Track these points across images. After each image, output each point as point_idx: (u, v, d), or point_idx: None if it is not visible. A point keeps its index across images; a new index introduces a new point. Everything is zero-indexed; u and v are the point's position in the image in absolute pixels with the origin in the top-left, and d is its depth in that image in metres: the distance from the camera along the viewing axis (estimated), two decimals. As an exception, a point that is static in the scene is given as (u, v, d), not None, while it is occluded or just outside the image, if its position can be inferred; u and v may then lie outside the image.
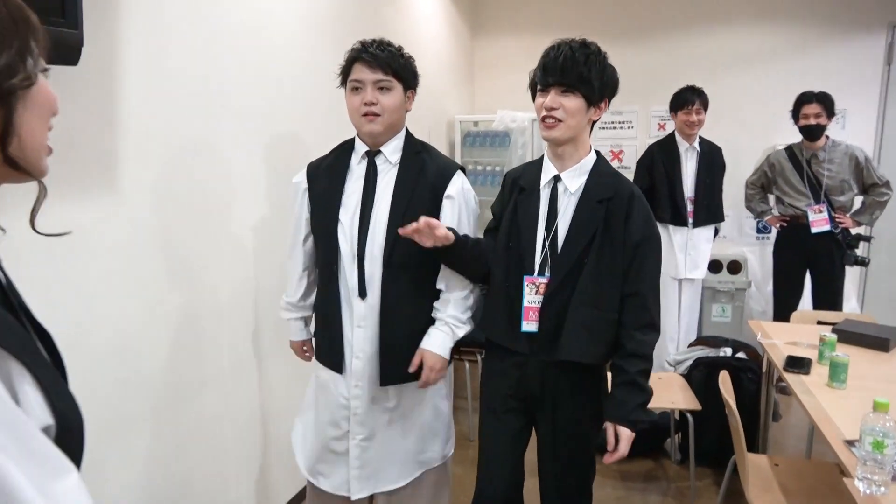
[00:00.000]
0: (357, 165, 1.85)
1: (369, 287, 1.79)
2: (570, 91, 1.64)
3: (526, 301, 1.73)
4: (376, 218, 1.79)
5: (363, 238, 1.79)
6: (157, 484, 1.90)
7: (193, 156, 1.98)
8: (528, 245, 1.74)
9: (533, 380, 1.76)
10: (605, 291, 1.67)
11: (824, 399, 2.04)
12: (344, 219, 1.81)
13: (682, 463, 3.07)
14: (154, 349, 1.87)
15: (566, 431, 1.77)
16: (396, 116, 1.80)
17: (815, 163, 3.65)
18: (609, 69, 1.69)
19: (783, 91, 4.24)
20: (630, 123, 4.80)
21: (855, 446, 1.67)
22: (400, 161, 1.83)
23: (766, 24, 4.47)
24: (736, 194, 4.18)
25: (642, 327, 1.68)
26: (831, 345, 2.32)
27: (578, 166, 1.74)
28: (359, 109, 1.76)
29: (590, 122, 1.72)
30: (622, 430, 1.65)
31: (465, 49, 4.90)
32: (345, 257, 1.81)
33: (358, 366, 1.83)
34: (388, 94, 1.76)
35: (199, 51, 1.98)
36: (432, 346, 1.80)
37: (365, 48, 1.76)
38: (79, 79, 1.55)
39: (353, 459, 1.88)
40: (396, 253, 1.77)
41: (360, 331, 1.82)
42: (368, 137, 1.81)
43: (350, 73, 1.78)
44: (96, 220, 1.65)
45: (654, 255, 1.72)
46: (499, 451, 1.84)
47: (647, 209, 1.72)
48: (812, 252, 3.71)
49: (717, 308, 4.34)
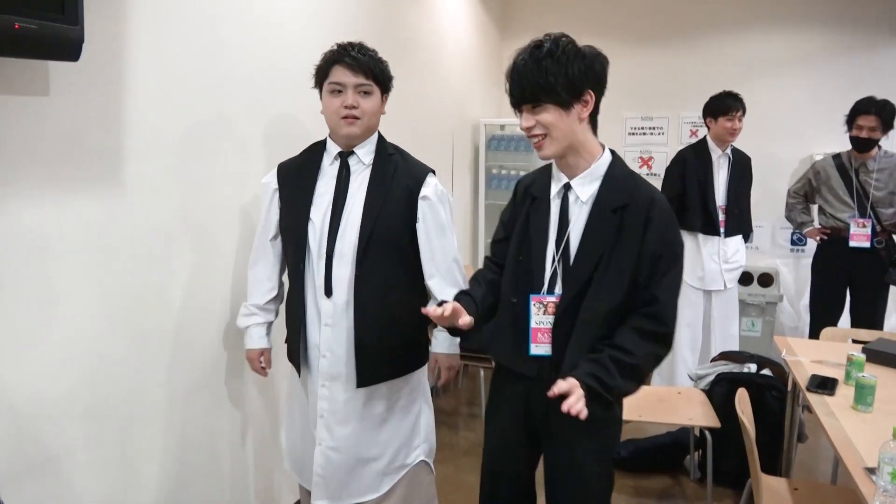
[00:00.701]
0: (329, 166, 1.86)
1: (337, 286, 1.79)
2: (537, 105, 1.51)
3: (533, 322, 1.59)
4: (348, 218, 1.79)
5: (333, 237, 1.79)
6: (159, 481, 1.90)
7: (201, 152, 1.99)
8: (538, 260, 1.61)
9: (539, 405, 1.61)
10: (618, 306, 1.53)
11: (848, 422, 1.93)
12: (315, 218, 1.81)
13: (701, 481, 2.96)
14: (159, 347, 1.87)
15: (574, 462, 1.62)
16: (374, 120, 1.83)
17: (864, 172, 3.50)
18: (574, 59, 1.49)
19: (824, 98, 4.10)
20: (661, 129, 4.69)
21: (875, 474, 1.57)
22: (373, 162, 1.84)
23: (805, 29, 4.31)
24: (769, 204, 4.05)
25: (646, 331, 1.50)
26: (859, 365, 2.20)
27: (589, 172, 1.58)
28: (338, 112, 1.77)
29: (583, 121, 1.54)
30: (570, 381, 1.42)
31: (493, 51, 4.85)
32: (313, 256, 1.81)
33: (324, 365, 1.82)
34: (368, 98, 1.79)
35: (208, 47, 1.98)
36: (443, 349, 1.92)
37: (347, 51, 1.77)
38: (82, 75, 1.56)
39: (316, 466, 1.85)
40: (370, 252, 1.77)
41: (328, 329, 1.81)
42: (345, 139, 1.82)
43: (329, 76, 1.79)
44: (100, 217, 1.66)
45: (676, 265, 1.55)
46: (502, 470, 1.75)
47: (668, 215, 1.55)
48: (853, 268, 3.56)
49: (747, 322, 4.20)
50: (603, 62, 1.55)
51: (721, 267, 3.66)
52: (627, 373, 1.49)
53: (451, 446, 3.28)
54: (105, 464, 1.73)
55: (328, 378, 1.83)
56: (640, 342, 1.50)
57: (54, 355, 1.56)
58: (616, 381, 1.47)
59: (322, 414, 1.84)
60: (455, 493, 2.80)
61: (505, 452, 1.74)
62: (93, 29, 1.53)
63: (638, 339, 1.50)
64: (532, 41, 1.54)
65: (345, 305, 1.79)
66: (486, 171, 4.54)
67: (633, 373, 1.51)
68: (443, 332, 1.86)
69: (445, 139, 4.02)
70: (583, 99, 1.52)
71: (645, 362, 1.52)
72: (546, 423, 1.63)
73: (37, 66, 1.47)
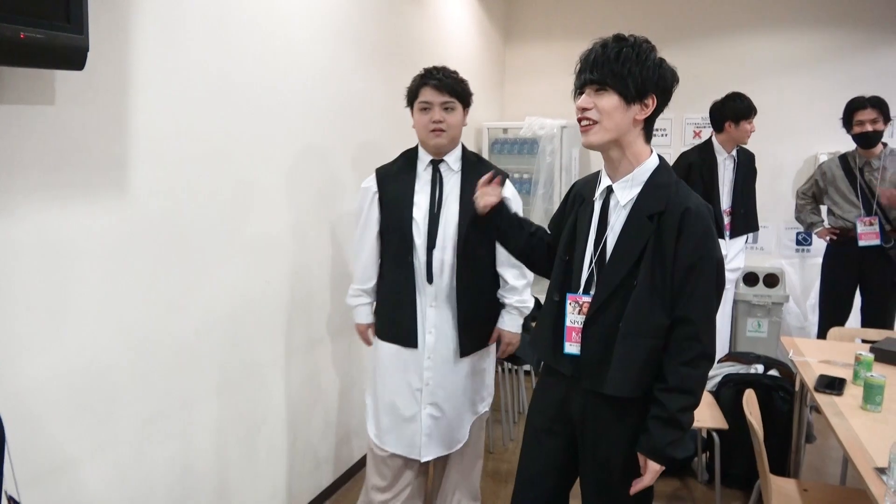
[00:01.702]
0: (423, 172, 2.17)
1: (440, 273, 2.12)
2: (602, 89, 1.53)
3: (568, 320, 1.63)
4: (447, 215, 2.12)
5: (433, 232, 2.11)
6: (184, 476, 1.90)
7: (208, 159, 2.00)
8: (579, 260, 1.64)
9: (575, 404, 1.65)
10: (657, 318, 1.52)
11: (857, 423, 1.92)
12: (417, 217, 2.12)
13: (710, 483, 2.94)
14: (164, 354, 1.88)
15: (609, 460, 1.63)
16: (458, 132, 2.14)
17: (869, 171, 3.48)
18: (651, 61, 1.53)
19: (826, 98, 4.09)
20: (664, 131, 4.68)
21: (885, 474, 1.56)
22: (461, 168, 2.16)
23: (806, 29, 4.31)
24: (775, 204, 4.04)
25: (691, 360, 1.50)
26: (867, 364, 2.19)
27: (632, 176, 1.58)
28: (427, 126, 2.08)
29: (637, 123, 1.55)
30: (651, 464, 1.54)
31: (497, 55, 4.86)
32: (418, 249, 2.12)
33: (430, 341, 2.15)
34: (452, 114, 2.10)
35: (214, 54, 1.99)
36: (508, 326, 2.22)
37: (432, 75, 2.09)
38: (87, 84, 1.57)
39: (424, 427, 2.18)
40: (467, 244, 2.10)
41: (432, 310, 2.14)
42: (434, 149, 2.13)
43: (418, 96, 2.10)
44: (106, 224, 1.67)
45: (710, 278, 1.52)
46: (535, 472, 1.75)
47: (705, 226, 1.53)
48: (863, 268, 3.55)
49: (753, 323, 4.18)
50: (674, 77, 1.58)
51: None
52: (691, 410, 1.54)
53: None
54: (117, 467, 1.73)
55: (433, 351, 2.15)
56: (692, 374, 1.52)
57: (61, 361, 1.57)
58: (686, 428, 1.54)
59: (428, 382, 2.16)
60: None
61: (540, 447, 1.75)
62: (98, 38, 1.54)
63: (690, 371, 1.52)
64: (617, 34, 1.57)
65: (447, 289, 2.13)
66: (490, 175, 4.53)
67: (696, 406, 1.56)
68: (509, 313, 2.22)
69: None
70: (645, 101, 1.54)
71: (700, 389, 1.55)
72: (582, 421, 1.65)
73: (42, 75, 1.48)
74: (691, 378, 1.51)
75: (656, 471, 1.54)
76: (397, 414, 2.19)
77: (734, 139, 3.59)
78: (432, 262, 2.11)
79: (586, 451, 1.67)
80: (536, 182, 4.25)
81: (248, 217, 2.18)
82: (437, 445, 2.20)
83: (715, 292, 1.55)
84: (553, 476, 1.74)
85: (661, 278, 1.52)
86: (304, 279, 2.53)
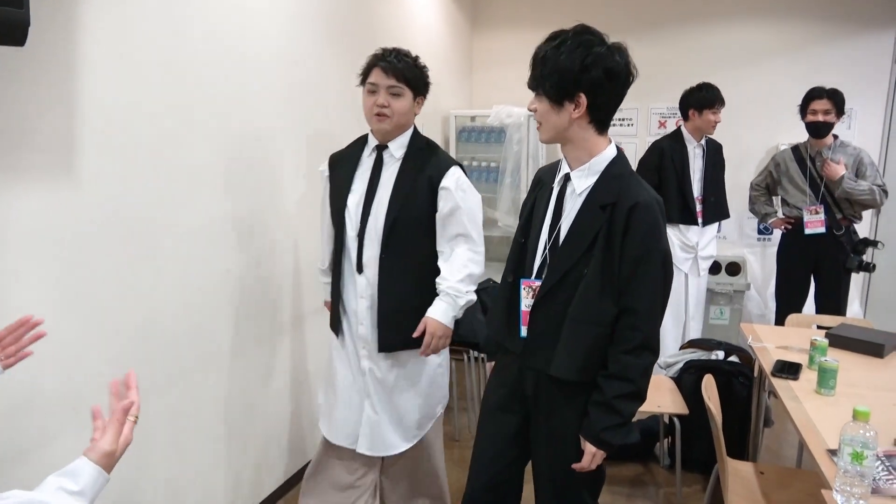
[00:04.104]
0: (367, 157, 2.10)
1: (368, 264, 2.04)
2: (536, 92, 1.58)
3: (523, 304, 1.66)
4: (378, 204, 2.03)
5: (364, 221, 2.03)
6: (135, 470, 1.85)
7: (158, 141, 1.93)
8: (533, 245, 1.67)
9: (528, 385, 1.69)
10: (605, 306, 1.55)
11: (811, 406, 1.96)
12: (351, 203, 2.07)
13: (672, 468, 2.99)
14: (114, 345, 1.82)
15: (559, 439, 1.65)
16: (404, 119, 2.03)
17: (820, 160, 3.55)
18: (575, 59, 1.48)
19: (788, 89, 4.15)
20: (630, 121, 4.71)
21: (836, 456, 1.59)
22: (404, 156, 2.06)
23: (770, 21, 4.37)
24: (736, 194, 4.09)
25: (632, 349, 1.53)
26: (822, 349, 2.23)
27: (587, 166, 1.59)
28: (372, 109, 1.99)
29: (578, 120, 1.54)
30: (588, 447, 1.58)
31: (464, 43, 4.83)
32: (349, 237, 2.07)
33: (363, 332, 2.09)
34: (399, 100, 1.99)
35: (166, 33, 1.92)
36: (434, 314, 2.00)
37: (384, 56, 1.99)
38: (30, 61, 1.50)
39: (364, 421, 2.11)
40: (394, 236, 2.00)
41: (363, 301, 2.07)
42: (378, 134, 2.05)
43: (368, 76, 2.01)
44: (53, 207, 1.61)
45: (656, 270, 1.54)
46: (491, 449, 1.77)
47: (652, 220, 1.53)
48: (816, 255, 3.63)
49: (715, 310, 4.25)
50: (612, 66, 1.49)
51: (698, 255, 3.72)
52: (630, 399, 1.56)
53: (424, 439, 3.26)
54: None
55: (366, 342, 2.09)
56: (632, 363, 1.54)
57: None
58: (625, 415, 1.55)
59: (364, 372, 2.10)
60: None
61: (496, 425, 1.77)
62: (40, 13, 1.47)
63: (630, 359, 1.54)
64: (554, 31, 1.56)
65: (375, 282, 2.03)
66: (458, 163, 4.51)
67: (637, 395, 1.56)
68: (440, 300, 2.00)
69: (416, 131, 3.99)
70: (575, 100, 1.53)
71: (641, 379, 1.56)
72: (535, 398, 1.68)
73: (-19, 51, 1.41)
74: (631, 366, 1.54)
75: (592, 453, 1.57)
76: (343, 401, 2.15)
77: (698, 128, 3.64)
78: (362, 252, 2.05)
79: (539, 429, 1.70)
80: (504, 171, 4.25)
81: (197, 201, 2.12)
82: (375, 444, 2.12)
83: (661, 284, 1.56)
84: (507, 454, 1.77)
85: (609, 268, 1.54)
86: (266, 266, 2.48)
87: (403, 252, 2.02)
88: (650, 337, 1.55)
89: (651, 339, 1.56)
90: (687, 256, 3.72)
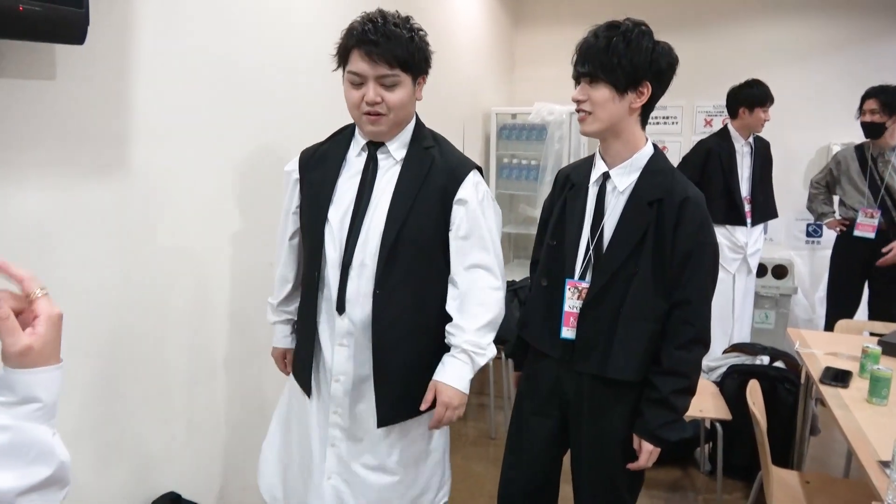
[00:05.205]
0: (356, 158, 1.60)
1: (354, 302, 1.53)
2: (595, 81, 1.54)
3: (567, 306, 1.64)
4: (371, 222, 1.52)
5: (352, 244, 1.53)
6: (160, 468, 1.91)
7: (210, 138, 1.98)
8: (572, 246, 1.65)
9: (569, 387, 1.67)
10: (657, 303, 1.55)
11: (862, 415, 1.90)
12: (333, 219, 1.56)
13: (712, 474, 2.93)
14: (162, 334, 1.87)
15: (606, 440, 1.64)
16: (403, 113, 1.53)
17: (882, 162, 3.43)
18: (645, 48, 1.50)
19: (842, 88, 4.02)
20: (675, 119, 4.63)
21: (889, 468, 1.54)
22: (405, 157, 1.56)
23: (821, 16, 4.23)
24: (784, 195, 3.98)
25: (685, 343, 1.54)
26: (874, 357, 2.16)
27: (629, 162, 1.60)
28: (359, 107, 1.49)
29: (633, 112, 1.56)
30: (645, 445, 1.58)
31: (506, 40, 4.81)
32: (329, 264, 1.56)
33: (337, 390, 1.57)
34: (394, 91, 1.48)
35: (218, 32, 1.96)
36: (449, 379, 1.49)
37: (365, 34, 1.45)
38: (89, 59, 1.55)
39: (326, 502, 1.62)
40: (394, 265, 1.49)
41: (343, 350, 1.56)
42: (370, 135, 1.57)
43: (347, 62, 1.50)
44: (107, 203, 1.66)
45: (707, 264, 1.57)
46: (527, 455, 1.76)
47: (703, 215, 1.55)
48: (871, 260, 3.50)
49: (760, 314, 4.15)
50: (672, 61, 1.55)
51: (746, 254, 3.63)
52: (684, 393, 1.57)
53: (460, 436, 3.28)
54: (110, 449, 1.74)
55: (341, 405, 1.58)
56: (685, 357, 1.55)
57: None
58: (679, 410, 1.56)
59: (333, 443, 1.60)
60: (462, 483, 2.80)
61: (534, 432, 1.75)
62: (99, 12, 1.52)
63: (684, 354, 1.55)
64: (610, 21, 1.56)
65: (363, 325, 1.53)
66: (498, 161, 4.51)
67: (690, 389, 1.58)
68: (455, 358, 1.51)
69: (456, 128, 3.99)
70: (639, 89, 1.53)
71: (694, 373, 1.58)
72: (578, 402, 1.67)
73: (43, 49, 1.46)
74: (684, 361, 1.55)
75: (650, 451, 1.57)
76: (296, 473, 1.68)
77: (748, 126, 3.55)
78: (346, 285, 1.52)
79: (581, 432, 1.68)
80: (544, 168, 4.22)
81: (249, 198, 2.16)
82: None
83: (711, 278, 1.59)
84: (543, 458, 1.76)
85: (660, 264, 1.54)
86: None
87: (407, 287, 1.52)
88: (702, 330, 1.57)
89: (703, 332, 1.57)
90: (735, 257, 3.63)
